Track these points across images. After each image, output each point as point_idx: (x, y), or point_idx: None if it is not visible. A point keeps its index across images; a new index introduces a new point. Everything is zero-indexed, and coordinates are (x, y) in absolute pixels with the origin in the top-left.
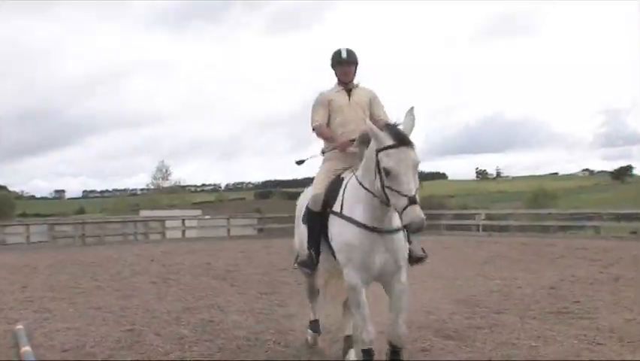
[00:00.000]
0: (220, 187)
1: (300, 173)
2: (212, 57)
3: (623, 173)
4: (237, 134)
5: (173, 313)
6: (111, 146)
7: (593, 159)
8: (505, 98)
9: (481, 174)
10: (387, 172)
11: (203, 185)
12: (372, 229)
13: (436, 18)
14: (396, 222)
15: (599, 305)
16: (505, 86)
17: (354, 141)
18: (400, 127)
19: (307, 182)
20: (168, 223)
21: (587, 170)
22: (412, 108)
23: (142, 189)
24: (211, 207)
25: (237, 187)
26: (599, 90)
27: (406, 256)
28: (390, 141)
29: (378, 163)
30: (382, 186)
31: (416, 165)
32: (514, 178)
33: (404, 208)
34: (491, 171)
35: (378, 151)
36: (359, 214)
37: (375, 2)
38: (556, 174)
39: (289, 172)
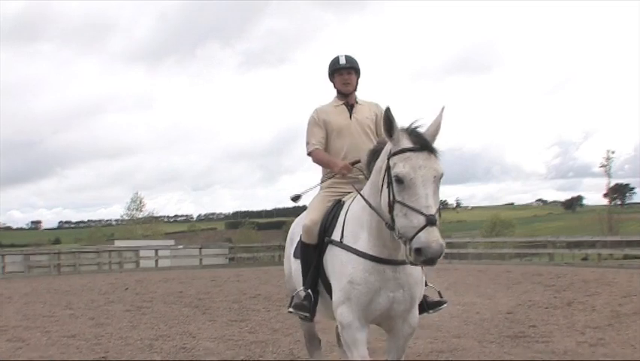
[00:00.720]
0: (192, 218)
1: (269, 204)
2: (186, 92)
3: (574, 203)
4: (209, 166)
5: (147, 340)
6: (87, 178)
7: (547, 190)
8: (464, 132)
9: (442, 205)
10: (400, 181)
11: (176, 216)
12: (382, 261)
13: (402, 56)
14: None
15: (554, 329)
16: (465, 121)
17: (356, 163)
18: (422, 129)
19: (275, 213)
20: (142, 253)
21: (540, 200)
22: (443, 109)
23: (117, 220)
24: (183, 237)
25: (209, 218)
26: (552, 124)
27: (422, 294)
28: (408, 144)
29: (388, 169)
30: (390, 201)
31: (439, 176)
32: (472, 208)
33: (419, 230)
34: (451, 201)
35: (391, 155)
36: (364, 242)
37: (342, 42)
38: (512, 204)
39: (258, 203)
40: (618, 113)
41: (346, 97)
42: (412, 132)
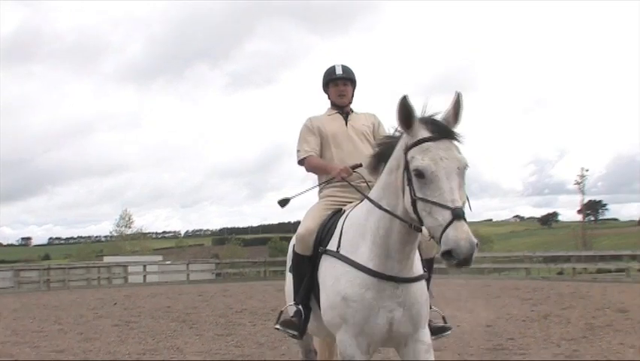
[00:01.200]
0: (180, 234)
1: (255, 220)
2: (175, 111)
3: (550, 219)
4: (197, 184)
5: (134, 355)
6: (77, 195)
7: (523, 207)
8: None
9: None
10: (420, 174)
11: (164, 232)
12: (382, 276)
13: (383, 77)
14: (418, 266)
15: (531, 341)
16: None
17: (357, 167)
18: (440, 116)
19: (261, 229)
20: (130, 268)
21: (517, 216)
22: (459, 95)
23: (106, 236)
24: (171, 253)
25: (196, 234)
26: (528, 143)
27: (427, 313)
28: (425, 133)
29: (407, 165)
30: (413, 200)
31: (463, 167)
32: None
33: (445, 227)
34: None
35: (408, 149)
36: (364, 253)
37: (327, 63)
38: (490, 220)
39: (245, 220)
40: (591, 133)
41: (341, 109)
42: (428, 121)
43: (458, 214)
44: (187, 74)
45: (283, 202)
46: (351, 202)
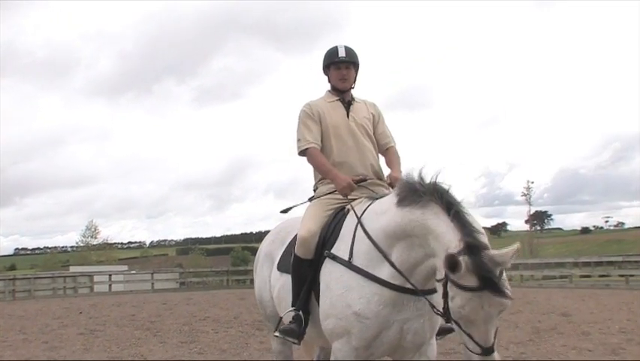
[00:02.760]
0: (145, 244)
1: (218, 231)
2: (143, 125)
3: (500, 229)
4: (163, 195)
5: None
6: (45, 206)
7: (475, 217)
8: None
9: None
10: (459, 316)
11: (130, 242)
12: (405, 290)
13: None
14: (440, 270)
15: None
16: (401, 154)
17: (363, 180)
18: (492, 256)
19: (224, 239)
20: (96, 278)
21: None
22: (517, 250)
23: (72, 247)
24: (136, 263)
25: (161, 244)
26: (480, 157)
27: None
28: (471, 281)
29: (446, 292)
30: (451, 316)
31: (504, 310)
32: None
33: (472, 353)
34: None
35: (450, 280)
36: (383, 272)
37: (291, 78)
38: None
39: (208, 230)
40: (538, 148)
41: (342, 93)
42: (478, 264)
43: (487, 353)
44: (155, 89)
45: (286, 211)
46: (354, 199)
